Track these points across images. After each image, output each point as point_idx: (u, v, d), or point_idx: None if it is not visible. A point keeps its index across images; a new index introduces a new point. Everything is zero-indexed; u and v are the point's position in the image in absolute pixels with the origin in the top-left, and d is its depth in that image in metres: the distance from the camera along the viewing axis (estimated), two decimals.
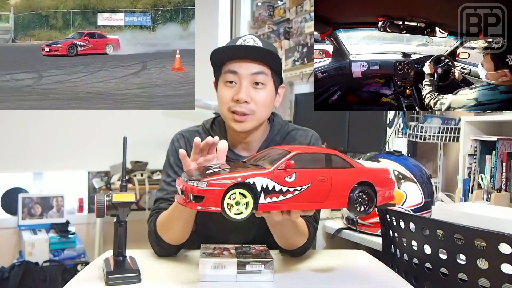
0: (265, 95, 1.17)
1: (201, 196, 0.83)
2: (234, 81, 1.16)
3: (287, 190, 0.86)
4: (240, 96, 1.14)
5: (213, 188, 0.82)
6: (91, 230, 3.23)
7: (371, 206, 0.93)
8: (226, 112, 1.18)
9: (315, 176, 0.88)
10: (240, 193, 0.83)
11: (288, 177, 0.86)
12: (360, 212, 0.93)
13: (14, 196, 3.03)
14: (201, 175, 0.86)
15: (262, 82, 1.16)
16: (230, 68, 1.16)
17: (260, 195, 0.84)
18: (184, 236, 1.14)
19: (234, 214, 0.83)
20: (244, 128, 1.17)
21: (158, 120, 3.37)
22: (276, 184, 0.85)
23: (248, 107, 1.15)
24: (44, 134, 3.10)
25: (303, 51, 2.68)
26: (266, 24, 3.15)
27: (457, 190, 1.82)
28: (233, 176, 0.83)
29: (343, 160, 0.92)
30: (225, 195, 0.82)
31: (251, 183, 0.83)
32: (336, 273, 1.10)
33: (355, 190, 0.91)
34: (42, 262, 2.71)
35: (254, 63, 1.15)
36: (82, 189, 3.33)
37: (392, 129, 2.02)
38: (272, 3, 3.13)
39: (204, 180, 0.83)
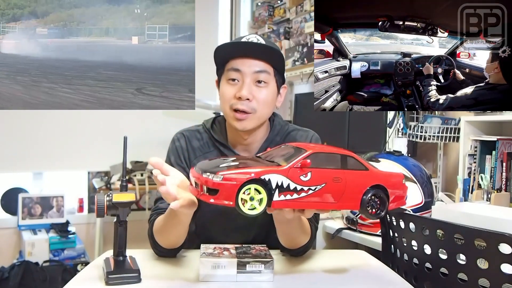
0: (267, 93, 1.17)
1: (215, 189, 0.82)
2: (236, 78, 1.16)
3: (302, 189, 0.85)
4: (242, 93, 1.13)
5: (229, 182, 0.81)
6: (91, 230, 3.23)
7: (383, 210, 0.93)
8: (227, 110, 1.18)
9: (330, 177, 0.87)
10: (255, 189, 0.82)
11: (304, 176, 0.85)
12: (371, 215, 0.93)
13: (14, 196, 3.03)
14: (217, 168, 0.85)
15: (265, 81, 1.16)
16: (233, 65, 1.16)
17: (275, 192, 0.84)
18: (179, 240, 1.14)
19: (247, 210, 0.83)
20: (245, 127, 1.17)
21: (158, 120, 3.37)
22: (291, 182, 0.85)
23: (250, 105, 1.15)
24: (44, 134, 3.10)
25: (303, 51, 2.68)
26: (266, 24, 3.15)
27: (457, 190, 1.82)
28: (249, 171, 0.82)
29: (358, 162, 0.92)
30: (240, 190, 0.81)
31: (266, 179, 0.83)
32: (336, 273, 1.10)
33: (368, 193, 0.91)
34: (42, 262, 2.71)
35: (257, 61, 1.15)
36: (82, 189, 3.33)
37: (392, 129, 2.02)
38: (272, 3, 3.13)
39: (220, 173, 0.82)
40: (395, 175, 0.97)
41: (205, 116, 1.46)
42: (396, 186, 0.96)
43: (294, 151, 0.90)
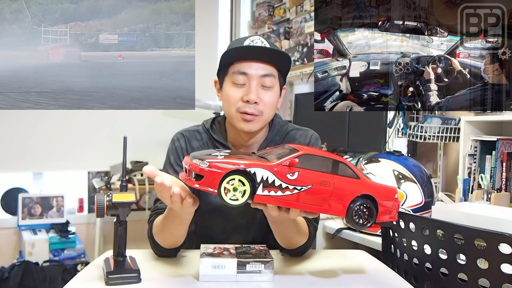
0: (272, 96, 1.17)
1: (201, 175, 0.83)
2: (243, 82, 1.16)
3: (287, 187, 0.86)
4: (250, 97, 1.13)
5: (214, 170, 0.83)
6: (91, 230, 3.23)
7: (370, 221, 0.92)
8: (234, 113, 1.17)
9: (317, 179, 0.87)
10: (239, 180, 0.83)
11: (290, 175, 0.86)
12: (357, 225, 0.92)
13: (14, 196, 3.03)
14: (207, 156, 0.86)
15: (270, 84, 1.17)
16: (240, 68, 1.15)
17: (259, 186, 0.84)
18: (178, 240, 1.14)
19: (229, 199, 0.84)
20: (251, 129, 1.17)
21: (158, 120, 3.38)
22: (277, 179, 0.85)
23: (257, 108, 1.15)
24: (44, 134, 3.10)
25: (303, 51, 2.68)
26: (266, 24, 3.15)
27: (457, 190, 1.82)
28: (235, 162, 0.83)
29: (350, 170, 0.92)
30: (224, 179, 0.83)
31: (251, 172, 0.84)
32: (336, 273, 1.10)
33: (356, 201, 0.90)
34: (42, 262, 2.71)
35: (263, 64, 1.15)
36: (82, 189, 3.33)
37: (392, 129, 2.02)
38: (272, 3, 3.13)
39: (207, 160, 0.83)
40: (387, 188, 0.96)
41: (205, 116, 1.46)
42: (388, 198, 0.94)
43: (289, 152, 0.90)
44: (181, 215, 1.05)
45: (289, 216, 0.93)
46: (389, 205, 0.94)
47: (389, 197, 0.95)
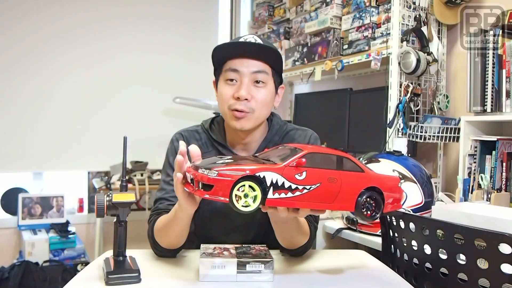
0: (265, 93, 1.17)
1: (210, 185, 0.82)
2: (235, 79, 1.16)
3: (296, 187, 0.85)
4: (241, 93, 1.14)
5: (223, 178, 0.81)
6: (91, 230, 3.23)
7: (378, 212, 0.93)
8: (226, 110, 1.18)
9: (325, 177, 0.87)
10: (249, 185, 0.83)
11: (298, 175, 0.86)
12: (366, 217, 0.93)
13: (14, 196, 3.02)
14: (213, 164, 0.86)
15: (263, 81, 1.16)
16: (231, 66, 1.16)
17: (269, 190, 0.84)
18: (179, 240, 1.14)
19: (241, 206, 0.83)
20: (243, 127, 1.17)
21: (158, 120, 3.38)
22: (286, 181, 0.85)
23: (248, 105, 1.15)
24: (44, 134, 3.10)
25: (303, 51, 2.68)
26: (266, 24, 3.15)
27: (457, 190, 1.82)
28: (244, 168, 0.83)
29: (354, 164, 0.92)
30: (234, 187, 0.82)
31: (261, 176, 0.83)
32: (336, 273, 1.10)
33: (363, 194, 0.91)
34: (42, 262, 2.71)
35: (255, 61, 1.15)
36: (82, 189, 3.32)
37: (392, 129, 2.01)
38: (272, 3, 3.13)
39: (215, 169, 0.82)
40: (391, 178, 0.97)
41: (205, 116, 1.46)
42: (392, 189, 0.95)
43: (291, 152, 0.90)
44: (181, 214, 1.05)
45: (298, 216, 0.94)
46: (394, 194, 0.96)
47: (394, 187, 0.96)
